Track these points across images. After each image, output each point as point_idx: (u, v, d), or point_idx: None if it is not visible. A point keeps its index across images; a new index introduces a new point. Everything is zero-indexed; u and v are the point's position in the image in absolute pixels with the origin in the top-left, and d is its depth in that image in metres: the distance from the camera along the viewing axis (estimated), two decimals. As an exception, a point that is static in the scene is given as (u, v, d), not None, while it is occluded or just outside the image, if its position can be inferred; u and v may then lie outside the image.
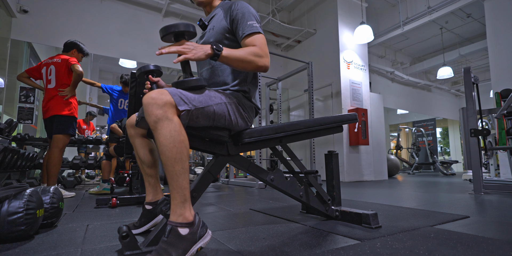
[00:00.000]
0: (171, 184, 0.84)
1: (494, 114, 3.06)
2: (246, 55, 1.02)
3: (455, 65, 8.50)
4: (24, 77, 2.75)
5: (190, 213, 0.85)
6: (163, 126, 0.82)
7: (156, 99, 0.84)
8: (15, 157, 2.77)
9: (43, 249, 0.96)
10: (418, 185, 3.83)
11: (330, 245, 0.97)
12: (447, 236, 1.06)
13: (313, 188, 1.34)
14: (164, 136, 0.82)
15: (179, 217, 0.83)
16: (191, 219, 0.84)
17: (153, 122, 0.83)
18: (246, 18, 1.11)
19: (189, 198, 0.86)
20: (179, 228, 0.82)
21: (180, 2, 5.19)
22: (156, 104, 0.83)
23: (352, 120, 1.43)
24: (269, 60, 1.09)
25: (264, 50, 1.07)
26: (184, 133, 0.86)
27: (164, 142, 0.82)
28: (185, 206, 0.84)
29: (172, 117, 0.84)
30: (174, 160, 0.83)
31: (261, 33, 1.11)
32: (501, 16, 4.45)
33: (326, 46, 5.45)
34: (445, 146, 12.73)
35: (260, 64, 1.05)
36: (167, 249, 0.79)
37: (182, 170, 0.84)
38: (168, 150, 0.82)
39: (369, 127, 5.11)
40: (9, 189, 1.09)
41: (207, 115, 0.97)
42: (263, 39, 1.10)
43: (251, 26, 1.09)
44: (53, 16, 4.41)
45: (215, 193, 2.97)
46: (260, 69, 1.06)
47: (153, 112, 0.83)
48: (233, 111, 1.07)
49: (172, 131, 0.83)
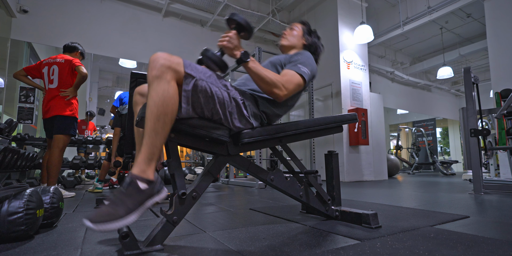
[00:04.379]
0: (145, 139, 0.85)
1: (494, 114, 3.06)
2: (269, 77, 1.07)
3: (455, 65, 8.51)
4: (21, 75, 2.72)
5: (152, 173, 0.86)
6: (159, 84, 0.85)
7: (165, 59, 0.87)
8: (15, 157, 2.77)
9: (43, 249, 0.96)
10: (418, 185, 3.83)
11: (330, 245, 0.97)
12: (447, 236, 1.06)
13: (313, 188, 1.33)
14: (156, 92, 0.85)
15: (142, 173, 0.84)
16: (152, 178, 0.86)
17: (152, 76, 0.86)
18: (301, 62, 1.20)
19: (156, 158, 0.87)
20: (139, 181, 0.83)
21: (180, 2, 5.19)
22: (163, 63, 0.86)
23: (352, 120, 1.43)
24: (287, 95, 1.13)
25: (288, 85, 1.12)
26: (175, 100, 0.87)
27: (154, 97, 0.84)
28: (150, 164, 0.86)
29: (170, 81, 0.86)
30: (157, 118, 0.84)
31: (302, 76, 1.16)
32: (501, 16, 4.45)
33: (326, 46, 5.40)
34: (445, 146, 12.73)
35: (275, 91, 1.09)
36: (124, 199, 0.80)
37: (161, 130, 0.85)
38: (154, 105, 0.84)
39: (369, 127, 5.11)
40: (9, 189, 1.09)
41: (209, 95, 0.96)
42: (297, 79, 1.15)
43: (297, 67, 1.17)
44: (53, 16, 4.41)
45: (215, 193, 2.97)
46: (273, 95, 1.11)
47: (157, 68, 0.86)
48: (234, 106, 1.05)
49: (165, 91, 0.85)
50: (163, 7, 5.14)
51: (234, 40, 1.04)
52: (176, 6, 5.16)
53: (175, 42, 5.41)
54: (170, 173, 1.00)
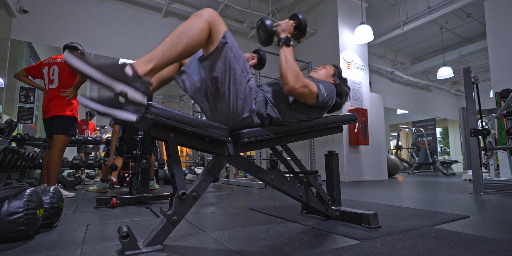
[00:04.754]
0: (158, 46, 0.92)
1: (494, 114, 3.06)
2: (294, 64, 1.15)
3: (455, 65, 8.50)
4: (22, 75, 2.73)
5: (144, 72, 0.88)
6: (195, 18, 0.98)
7: (216, 15, 1.01)
8: (15, 157, 2.77)
9: (43, 249, 0.96)
10: (418, 185, 3.83)
11: (330, 245, 0.97)
12: (447, 236, 1.06)
13: (313, 188, 1.33)
14: (188, 21, 0.97)
15: (138, 65, 0.88)
16: (140, 73, 0.88)
17: (192, 15, 1.00)
18: (323, 85, 1.25)
19: (158, 65, 0.90)
20: (128, 67, 0.86)
21: (180, 2, 5.19)
22: (211, 13, 1.00)
23: (352, 120, 1.43)
24: (295, 90, 1.14)
25: (303, 83, 1.15)
26: (200, 31, 0.96)
27: (185, 23, 0.97)
28: (148, 64, 0.89)
29: (205, 21, 0.97)
30: (179, 35, 0.93)
31: (318, 92, 1.20)
32: (501, 16, 4.45)
33: (326, 46, 5.45)
34: (445, 146, 12.73)
35: (289, 78, 1.12)
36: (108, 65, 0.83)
37: (174, 44, 0.92)
38: (182, 25, 0.96)
39: (369, 127, 5.11)
40: (9, 189, 1.09)
41: (228, 65, 1.03)
42: (313, 88, 1.19)
43: (318, 85, 1.22)
44: (53, 16, 4.40)
45: (215, 193, 2.97)
46: (284, 80, 1.13)
47: (203, 12, 0.99)
48: (246, 92, 1.09)
49: (196, 23, 0.96)
50: (163, 7, 5.14)
51: (289, 26, 1.21)
52: (176, 6, 5.15)
53: (175, 42, 5.40)
54: (170, 173, 1.00)
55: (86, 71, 0.79)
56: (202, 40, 0.97)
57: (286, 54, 1.16)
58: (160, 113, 0.91)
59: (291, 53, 1.17)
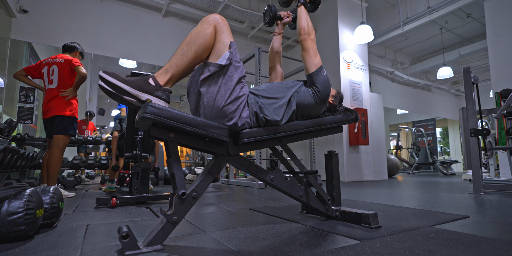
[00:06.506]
0: (172, 57, 1.03)
1: (494, 114, 3.06)
2: (310, 22, 1.37)
3: (455, 65, 8.51)
4: (22, 75, 2.72)
5: (164, 82, 1.00)
6: (202, 24, 1.07)
7: (222, 20, 1.09)
8: (15, 157, 2.77)
9: (43, 249, 0.96)
10: (418, 185, 3.83)
11: (330, 245, 0.97)
12: (447, 236, 1.06)
13: (313, 188, 1.33)
14: (196, 28, 1.07)
15: (158, 76, 1.00)
16: (161, 83, 1.00)
17: (200, 21, 1.09)
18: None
19: (175, 75, 1.01)
20: (151, 79, 0.98)
21: (180, 2, 5.19)
22: (218, 18, 1.09)
23: (352, 120, 1.43)
24: (307, 41, 1.34)
25: (313, 43, 1.36)
26: (207, 37, 1.04)
27: (193, 30, 1.06)
28: (166, 74, 1.01)
29: (211, 26, 1.06)
30: (187, 43, 1.03)
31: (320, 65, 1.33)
32: (501, 16, 4.45)
33: (326, 46, 5.45)
34: (445, 146, 12.73)
35: (307, 30, 1.34)
36: (134, 80, 0.96)
37: (185, 53, 1.02)
38: (190, 35, 1.05)
39: (369, 127, 5.11)
40: (9, 189, 1.09)
41: (223, 75, 1.07)
42: (317, 51, 1.35)
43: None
44: (53, 16, 4.41)
45: (215, 193, 2.97)
46: (301, 31, 1.35)
47: (209, 17, 1.08)
48: (239, 101, 1.10)
49: (203, 28, 1.05)
50: (163, 7, 5.14)
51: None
52: (176, 6, 5.15)
53: (175, 42, 5.40)
54: (170, 173, 1.00)
55: (119, 85, 0.92)
56: (209, 44, 1.06)
57: (306, 13, 1.41)
58: (160, 113, 0.91)
59: (307, 13, 1.42)
